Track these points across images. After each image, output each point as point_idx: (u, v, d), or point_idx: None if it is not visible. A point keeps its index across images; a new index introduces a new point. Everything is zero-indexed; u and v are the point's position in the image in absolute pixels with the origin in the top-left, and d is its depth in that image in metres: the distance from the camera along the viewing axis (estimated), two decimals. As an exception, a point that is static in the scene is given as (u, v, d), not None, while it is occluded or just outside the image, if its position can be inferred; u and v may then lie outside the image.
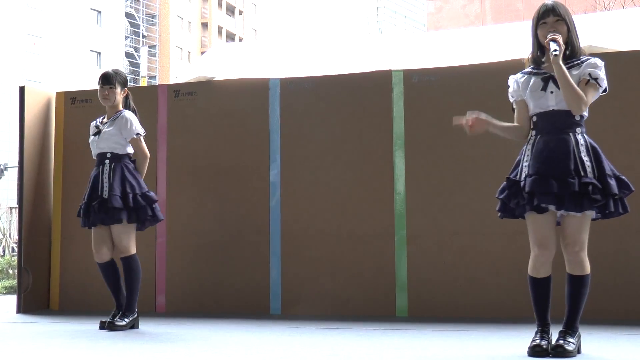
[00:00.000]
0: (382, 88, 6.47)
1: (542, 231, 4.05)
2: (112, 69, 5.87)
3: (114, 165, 5.60)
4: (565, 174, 3.93)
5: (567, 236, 4.02)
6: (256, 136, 6.73)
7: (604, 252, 5.69)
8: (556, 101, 4.05)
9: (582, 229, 4.00)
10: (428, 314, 6.12)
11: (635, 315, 5.68)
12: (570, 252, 4.01)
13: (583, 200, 3.91)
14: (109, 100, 5.72)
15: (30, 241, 6.91)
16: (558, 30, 4.05)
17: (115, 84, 5.71)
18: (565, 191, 3.90)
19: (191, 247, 6.80)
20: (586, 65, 4.08)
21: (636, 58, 6.01)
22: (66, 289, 7.00)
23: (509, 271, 5.92)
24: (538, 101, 4.11)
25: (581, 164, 3.96)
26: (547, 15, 4.10)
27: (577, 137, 4.03)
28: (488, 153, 6.07)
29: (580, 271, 4.00)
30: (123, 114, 5.68)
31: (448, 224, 6.23)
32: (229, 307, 6.60)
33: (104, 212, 5.51)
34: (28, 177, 6.94)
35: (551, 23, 4.08)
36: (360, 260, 6.39)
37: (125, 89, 5.81)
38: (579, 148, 3.99)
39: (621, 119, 5.90)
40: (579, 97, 3.96)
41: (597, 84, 4.05)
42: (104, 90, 5.72)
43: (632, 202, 4.18)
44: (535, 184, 3.96)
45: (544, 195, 3.94)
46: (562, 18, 4.08)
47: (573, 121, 4.05)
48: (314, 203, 6.56)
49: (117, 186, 5.50)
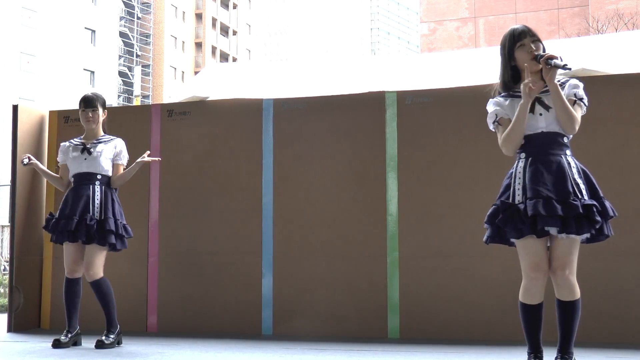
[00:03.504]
0: (375, 109, 6.48)
1: (538, 254, 3.99)
2: (91, 92, 5.94)
3: (104, 188, 5.67)
4: (566, 196, 3.89)
5: (556, 259, 3.96)
6: (249, 156, 6.72)
7: (595, 274, 5.69)
8: (546, 123, 4.02)
9: (572, 252, 3.95)
10: (420, 335, 6.11)
11: (626, 338, 5.67)
12: (559, 275, 3.95)
13: (583, 222, 3.88)
14: (93, 122, 5.79)
15: (21, 260, 6.89)
16: (538, 49, 4.04)
17: (97, 106, 5.79)
18: (570, 214, 3.86)
19: (183, 266, 6.78)
20: (569, 86, 4.07)
21: (629, 81, 6.03)
22: (57, 308, 6.95)
23: (502, 293, 5.91)
24: (527, 123, 4.06)
25: (577, 186, 3.93)
26: (523, 36, 4.07)
27: (568, 159, 4.01)
28: (481, 176, 6.07)
29: (571, 296, 3.95)
30: (118, 143, 5.81)
31: (440, 246, 6.23)
32: (220, 327, 6.57)
33: (97, 232, 5.53)
34: (20, 196, 6.92)
35: (528, 44, 4.05)
36: (353, 281, 6.38)
37: (105, 111, 5.88)
38: (572, 170, 3.97)
39: (613, 141, 5.91)
40: (574, 117, 3.96)
41: (583, 104, 4.06)
42: (87, 113, 5.78)
43: (621, 225, 4.18)
44: (540, 207, 3.88)
45: (549, 218, 3.87)
46: (538, 38, 4.08)
47: (562, 143, 4.03)
48: (306, 224, 6.55)
49: (110, 210, 5.59)
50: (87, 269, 5.60)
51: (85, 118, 5.78)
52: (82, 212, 5.55)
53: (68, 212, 5.58)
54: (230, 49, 71.78)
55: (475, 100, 5.56)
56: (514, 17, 29.26)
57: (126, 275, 6.65)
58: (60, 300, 6.92)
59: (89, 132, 5.83)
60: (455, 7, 30.79)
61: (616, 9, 27.45)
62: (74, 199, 5.61)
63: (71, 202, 5.62)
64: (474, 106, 6.12)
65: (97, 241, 5.55)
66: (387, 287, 6.27)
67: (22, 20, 44.53)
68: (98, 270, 5.59)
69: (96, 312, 5.82)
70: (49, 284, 7.01)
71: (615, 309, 5.77)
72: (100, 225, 5.55)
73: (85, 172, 5.67)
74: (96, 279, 5.59)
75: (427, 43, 31.06)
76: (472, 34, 30.44)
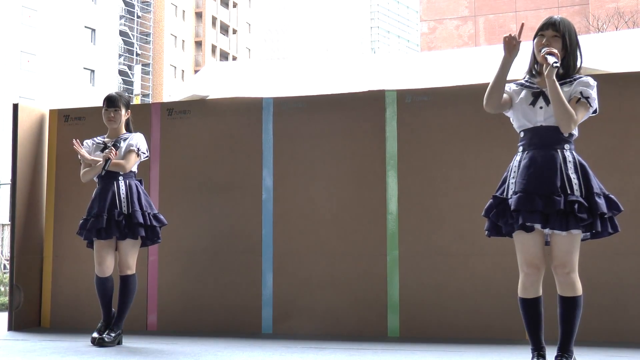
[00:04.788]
0: (375, 108, 6.48)
1: (531, 250, 3.99)
2: (115, 92, 5.98)
3: (128, 181, 5.72)
4: (551, 191, 3.86)
5: (556, 257, 3.96)
6: (249, 155, 6.73)
7: (595, 273, 5.70)
8: (544, 117, 4.00)
9: (572, 250, 3.94)
10: (420, 334, 6.11)
11: (626, 337, 5.68)
12: (560, 273, 3.95)
13: (569, 218, 3.84)
14: (115, 122, 5.83)
15: (21, 259, 6.89)
16: (552, 45, 3.99)
17: (120, 106, 5.82)
18: (551, 209, 3.84)
19: (183, 265, 6.78)
20: (578, 83, 4.03)
21: (629, 80, 6.03)
22: (57, 306, 6.96)
23: (502, 292, 5.91)
24: (526, 115, 4.06)
25: (568, 181, 3.89)
26: (546, 28, 4.05)
27: (565, 153, 3.97)
28: (481, 174, 6.07)
29: (572, 292, 3.94)
30: (135, 136, 5.85)
31: (440, 244, 6.23)
32: (220, 325, 6.58)
33: (126, 227, 5.59)
34: (20, 195, 6.92)
35: (548, 37, 4.02)
36: (352, 279, 6.38)
37: (128, 111, 5.92)
38: (566, 165, 3.94)
39: (613, 140, 5.91)
40: (569, 114, 3.90)
41: (588, 103, 3.99)
42: (109, 112, 5.82)
43: (622, 224, 4.17)
44: (521, 202, 3.88)
45: (529, 213, 3.87)
46: (561, 35, 4.02)
47: (561, 137, 3.99)
48: (306, 222, 6.55)
49: (136, 202, 5.64)
50: (121, 263, 5.67)
51: (107, 117, 5.83)
52: (109, 208, 5.59)
53: (97, 210, 5.63)
54: (230, 47, 71.78)
55: (475, 98, 5.56)
56: (514, 16, 29.28)
57: (126, 274, 6.65)
58: (60, 299, 6.94)
59: (111, 131, 5.89)
60: (455, 5, 30.79)
61: (616, 7, 27.46)
62: (101, 197, 5.67)
63: (98, 200, 5.67)
64: (474, 105, 6.11)
65: (130, 236, 5.62)
66: (387, 286, 6.28)
67: (22, 19, 44.54)
68: (133, 265, 5.68)
69: (97, 309, 5.82)
70: (49, 282, 7.01)
71: (615, 308, 5.77)
72: (129, 219, 5.60)
73: (108, 171, 5.70)
74: (128, 274, 5.65)
75: (427, 42, 31.06)
76: (472, 32, 30.44)
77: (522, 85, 4.18)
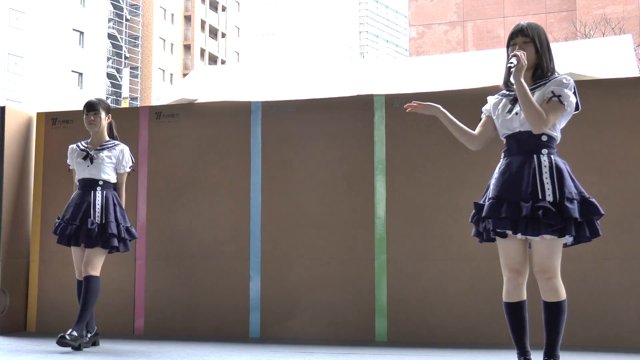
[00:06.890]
0: (363, 112, 6.49)
1: (511, 255, 4.02)
2: (95, 97, 6.09)
3: (105, 192, 5.80)
4: (520, 197, 3.89)
5: (535, 263, 3.97)
6: (237, 159, 6.72)
7: (578, 278, 5.72)
8: (520, 122, 4.01)
9: (551, 255, 3.93)
10: (407, 339, 6.11)
11: (611, 342, 5.69)
12: (541, 279, 3.95)
13: (540, 224, 3.85)
14: (95, 126, 5.91)
15: (8, 263, 6.86)
16: (526, 51, 4.03)
17: (99, 109, 5.91)
18: (517, 215, 3.86)
19: (171, 269, 6.76)
20: (551, 83, 4.03)
21: (616, 85, 6.05)
22: (44, 311, 6.94)
23: (489, 297, 5.92)
24: (504, 123, 4.10)
25: (541, 186, 3.89)
26: (515, 36, 4.11)
27: (542, 158, 3.96)
28: (469, 178, 6.08)
29: (555, 298, 3.94)
30: (121, 148, 5.93)
31: (428, 249, 6.23)
32: (208, 330, 6.57)
33: (99, 236, 5.66)
34: (7, 198, 6.89)
35: (519, 44, 4.07)
36: (340, 284, 6.38)
37: (109, 115, 6.01)
38: (541, 170, 3.93)
39: (599, 145, 5.93)
40: (537, 114, 3.90)
41: (560, 102, 3.96)
42: (90, 116, 5.92)
43: (606, 229, 4.17)
44: (491, 209, 3.95)
45: (499, 220, 3.91)
46: (531, 39, 4.07)
47: (540, 142, 3.98)
48: (294, 226, 6.55)
49: (112, 214, 5.72)
50: (85, 265, 5.69)
51: (88, 121, 5.92)
52: (82, 217, 5.68)
53: (69, 217, 5.74)
54: (219, 51, 71.77)
55: (463, 103, 5.58)
56: (502, 21, 29.40)
57: (114, 278, 6.63)
58: (47, 303, 6.91)
59: (93, 137, 5.96)
60: (443, 10, 30.91)
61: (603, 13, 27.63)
62: (76, 205, 5.76)
63: (73, 207, 5.77)
64: (462, 109, 6.12)
65: (100, 244, 5.67)
66: (374, 290, 6.27)
67: (10, 21, 44.41)
68: (95, 268, 5.69)
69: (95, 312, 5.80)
70: (36, 286, 6.98)
71: (601, 313, 5.79)
72: (103, 229, 5.67)
73: (87, 179, 5.81)
74: (91, 274, 5.66)
75: (416, 46, 31.15)
76: (460, 37, 30.54)
77: (502, 95, 4.23)
